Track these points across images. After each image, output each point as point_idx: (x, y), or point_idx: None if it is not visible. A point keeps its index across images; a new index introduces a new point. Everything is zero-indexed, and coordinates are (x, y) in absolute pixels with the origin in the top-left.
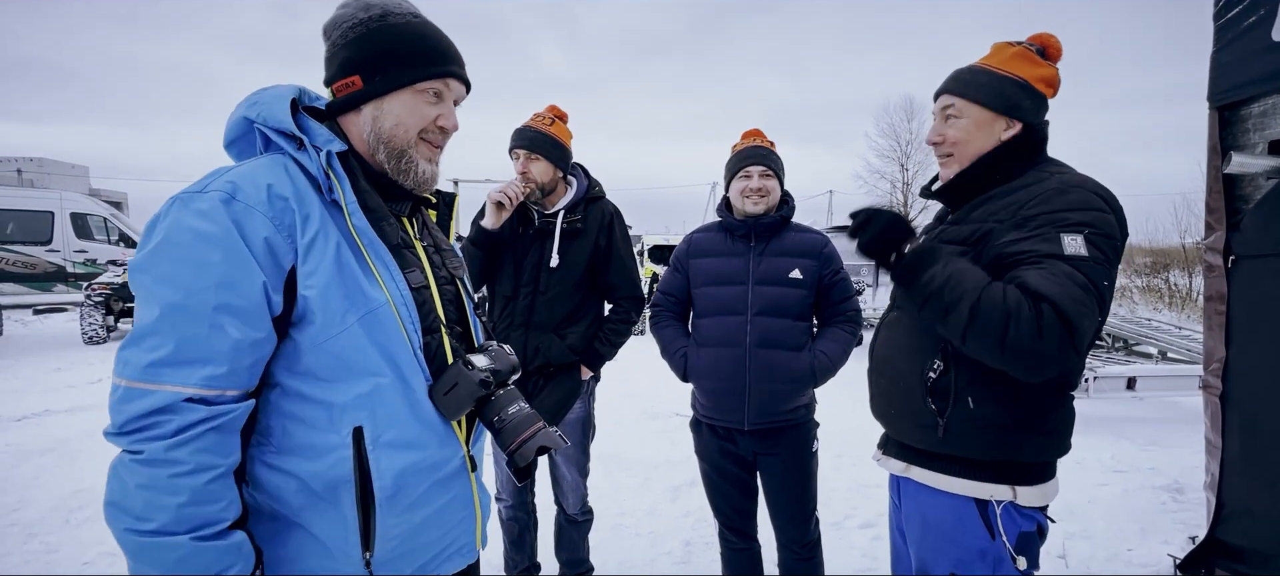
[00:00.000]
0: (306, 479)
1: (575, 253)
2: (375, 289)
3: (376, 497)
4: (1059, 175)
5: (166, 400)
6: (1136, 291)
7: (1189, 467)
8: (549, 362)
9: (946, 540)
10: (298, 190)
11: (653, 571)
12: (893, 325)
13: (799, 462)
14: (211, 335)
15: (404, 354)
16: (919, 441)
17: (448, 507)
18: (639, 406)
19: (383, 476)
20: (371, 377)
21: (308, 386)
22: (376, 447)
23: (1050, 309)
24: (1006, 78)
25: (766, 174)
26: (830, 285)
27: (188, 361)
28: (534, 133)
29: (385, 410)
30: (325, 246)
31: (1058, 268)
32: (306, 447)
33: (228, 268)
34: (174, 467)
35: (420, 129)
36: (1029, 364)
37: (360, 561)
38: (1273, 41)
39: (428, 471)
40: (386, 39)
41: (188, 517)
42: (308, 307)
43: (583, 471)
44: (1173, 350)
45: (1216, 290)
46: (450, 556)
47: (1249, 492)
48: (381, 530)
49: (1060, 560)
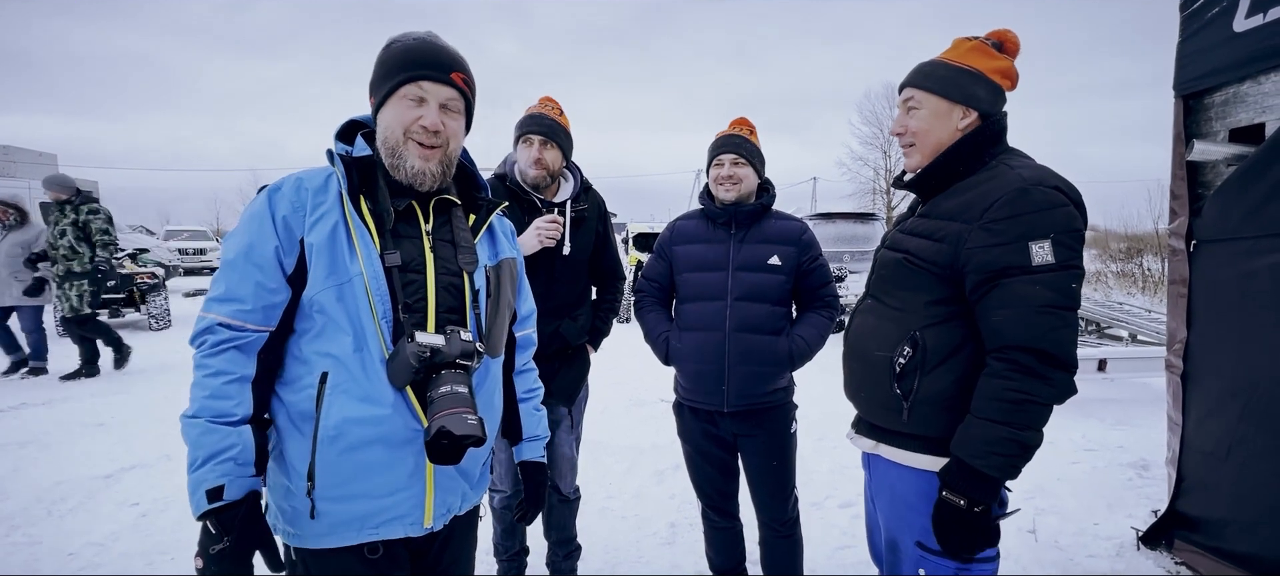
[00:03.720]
0: (289, 407)
1: (581, 240)
2: (354, 264)
3: (320, 434)
4: (1017, 170)
5: (208, 323)
6: (1112, 276)
7: (1156, 445)
8: (567, 344)
9: (913, 511)
10: (325, 186)
11: (639, 550)
12: (866, 312)
13: (778, 443)
14: (241, 281)
15: (368, 322)
16: (887, 421)
17: (392, 471)
18: (624, 393)
19: (329, 417)
20: (342, 336)
21: (304, 335)
22: (332, 393)
23: (1029, 356)
24: (962, 70)
25: (738, 161)
26: (808, 271)
27: (226, 299)
28: (551, 121)
29: (346, 365)
30: (325, 224)
31: (1028, 295)
32: (293, 382)
33: (257, 236)
34: (205, 370)
35: (404, 129)
36: (1059, 397)
37: (304, 488)
38: (1235, 32)
39: (372, 426)
40: (385, 59)
41: (208, 407)
42: (308, 271)
43: (577, 450)
44: (1143, 333)
45: (1179, 274)
46: (391, 521)
47: (1205, 466)
48: (320, 464)
49: (1030, 535)
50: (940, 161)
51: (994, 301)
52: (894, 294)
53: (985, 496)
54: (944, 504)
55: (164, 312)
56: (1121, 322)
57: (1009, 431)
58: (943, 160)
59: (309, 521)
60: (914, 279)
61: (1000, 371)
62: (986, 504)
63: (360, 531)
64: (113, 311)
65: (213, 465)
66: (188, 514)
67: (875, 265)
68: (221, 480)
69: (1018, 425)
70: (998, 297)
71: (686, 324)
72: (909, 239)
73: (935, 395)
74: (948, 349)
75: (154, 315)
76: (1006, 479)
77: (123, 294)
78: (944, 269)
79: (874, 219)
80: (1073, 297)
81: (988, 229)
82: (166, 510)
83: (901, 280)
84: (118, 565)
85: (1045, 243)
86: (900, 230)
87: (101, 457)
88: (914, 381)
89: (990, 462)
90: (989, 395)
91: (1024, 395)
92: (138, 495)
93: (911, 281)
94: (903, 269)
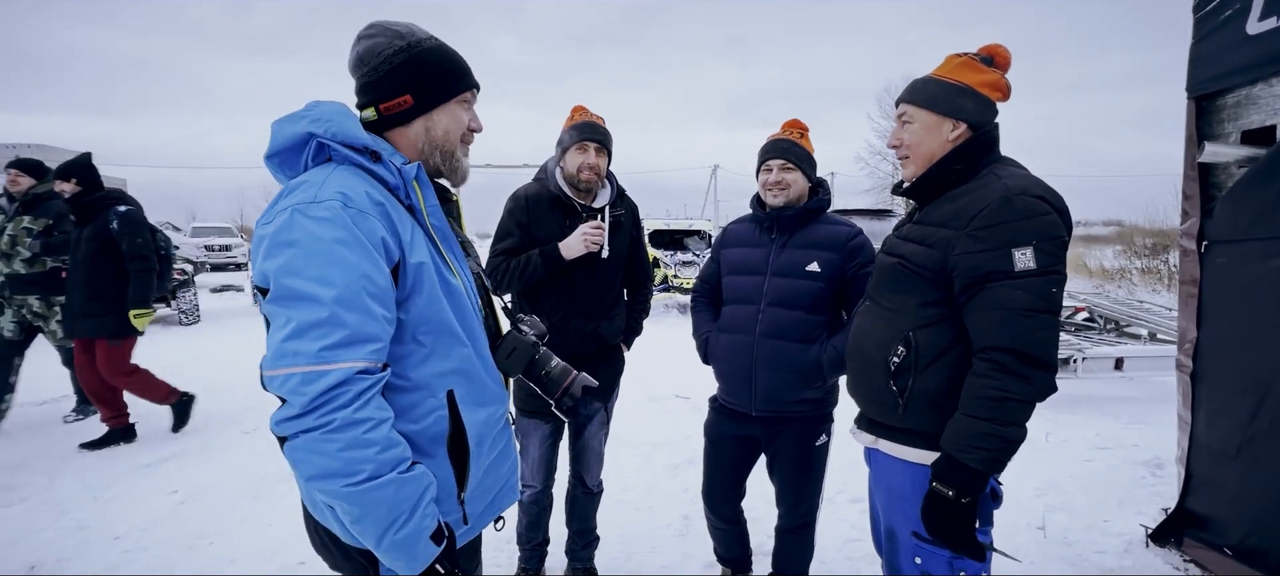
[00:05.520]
0: (412, 438)
1: (619, 243)
2: (452, 276)
3: (470, 447)
4: (1004, 180)
5: (344, 376)
6: (1136, 273)
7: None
8: (605, 343)
9: (908, 502)
10: (386, 197)
11: (653, 541)
12: (865, 314)
13: (802, 453)
14: (367, 319)
15: (477, 328)
16: (884, 417)
17: (504, 453)
18: (640, 389)
19: (472, 429)
20: (460, 348)
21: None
22: (464, 407)
23: (1011, 357)
24: (951, 84)
25: (786, 167)
26: (853, 278)
27: (356, 342)
28: (604, 129)
29: (470, 376)
30: (420, 242)
31: (1010, 299)
32: (407, 411)
33: (366, 264)
34: (364, 426)
35: (462, 133)
36: (1039, 394)
37: (456, 501)
38: (1248, 35)
39: (497, 421)
40: (428, 60)
41: (387, 460)
42: (409, 292)
43: (605, 445)
44: (1163, 331)
45: (1190, 274)
46: (504, 494)
47: (1214, 464)
48: (472, 474)
49: (1039, 531)
50: (932, 172)
51: (979, 305)
52: (889, 296)
53: (972, 488)
54: (934, 494)
55: (193, 308)
56: (1141, 321)
57: (992, 427)
58: (935, 170)
59: (461, 527)
60: (908, 282)
61: (984, 371)
62: (974, 496)
63: (491, 513)
64: None
65: (424, 511)
66: (222, 501)
67: (874, 269)
68: (438, 519)
69: (1000, 421)
70: (982, 301)
71: (724, 325)
72: (904, 244)
73: (928, 392)
74: (939, 349)
75: (184, 311)
76: (991, 471)
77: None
78: (935, 273)
79: (889, 215)
80: (1053, 301)
81: (974, 236)
82: (201, 498)
83: (896, 283)
84: (159, 548)
85: (1027, 249)
86: (897, 236)
87: (141, 448)
88: (908, 379)
89: (975, 456)
90: (974, 393)
91: (1005, 393)
92: (176, 483)
93: (905, 285)
94: (897, 272)
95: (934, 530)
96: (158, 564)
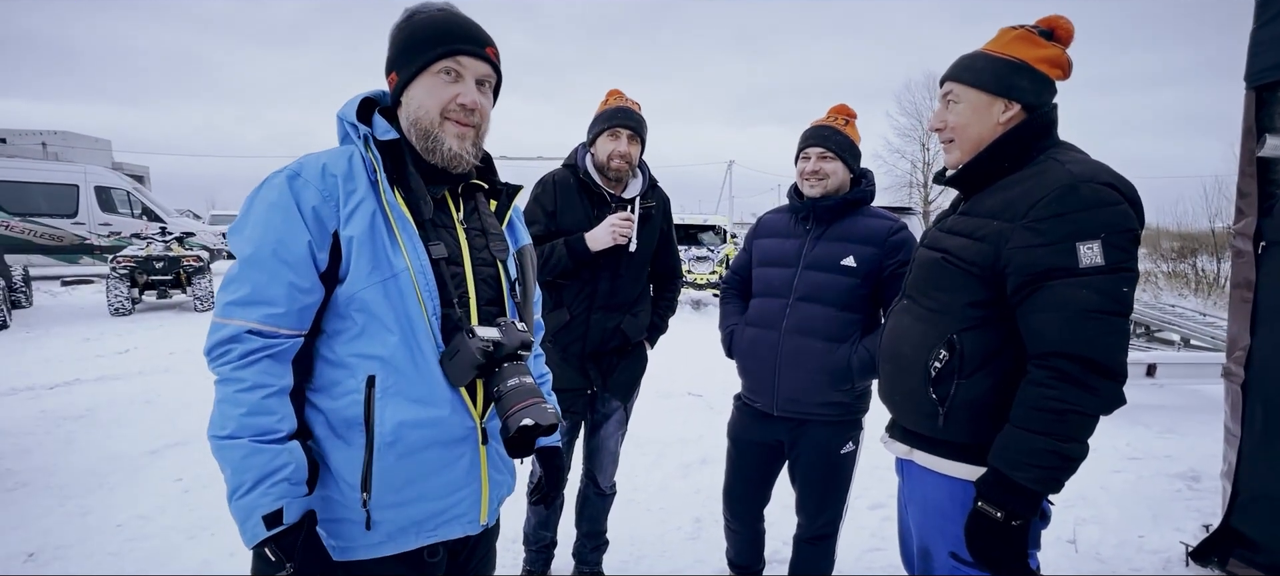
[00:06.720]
0: (328, 415)
1: (646, 237)
2: (398, 257)
3: (376, 441)
4: (1067, 165)
5: (234, 331)
6: (1162, 277)
7: (1207, 456)
8: (628, 341)
9: (947, 520)
10: (351, 170)
11: (664, 544)
12: (902, 313)
13: (823, 459)
14: (271, 282)
15: (418, 319)
16: (922, 427)
17: (450, 470)
18: (652, 386)
19: (383, 423)
20: (388, 335)
21: (340, 336)
22: (383, 397)
23: (1074, 364)
24: (1004, 60)
25: (825, 155)
26: (892, 276)
27: (253, 302)
28: (638, 116)
29: (396, 366)
30: (362, 215)
31: (1074, 299)
32: (329, 388)
33: (284, 230)
34: (238, 385)
35: (441, 108)
36: (1106, 407)
37: (359, 501)
38: None
39: (430, 428)
40: (409, 33)
41: (249, 425)
42: (346, 266)
43: (621, 445)
44: (1196, 337)
45: (1244, 277)
46: (450, 521)
47: (1267, 481)
48: (377, 472)
49: (1069, 545)
50: (981, 158)
51: (1037, 305)
52: (931, 295)
53: (1024, 510)
54: (979, 515)
55: (208, 294)
56: (1173, 326)
57: (1049, 442)
58: (984, 156)
59: (363, 532)
60: (953, 279)
61: (1042, 379)
62: (1025, 518)
63: (419, 535)
64: (160, 293)
65: (266, 488)
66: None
67: (913, 264)
68: (279, 503)
69: (1059, 436)
70: (1041, 301)
71: (750, 319)
72: (948, 238)
73: (973, 401)
74: (986, 353)
75: (199, 297)
76: (1047, 492)
77: (170, 276)
78: (984, 270)
79: (909, 214)
80: (1124, 302)
81: (1032, 228)
82: (207, 487)
83: (940, 280)
84: (161, 536)
85: (1094, 243)
86: (940, 228)
87: (148, 434)
88: (950, 386)
89: (1029, 475)
90: (1029, 404)
91: (1067, 405)
92: (180, 470)
93: (950, 282)
94: (941, 269)
95: (979, 554)
96: (160, 552)
